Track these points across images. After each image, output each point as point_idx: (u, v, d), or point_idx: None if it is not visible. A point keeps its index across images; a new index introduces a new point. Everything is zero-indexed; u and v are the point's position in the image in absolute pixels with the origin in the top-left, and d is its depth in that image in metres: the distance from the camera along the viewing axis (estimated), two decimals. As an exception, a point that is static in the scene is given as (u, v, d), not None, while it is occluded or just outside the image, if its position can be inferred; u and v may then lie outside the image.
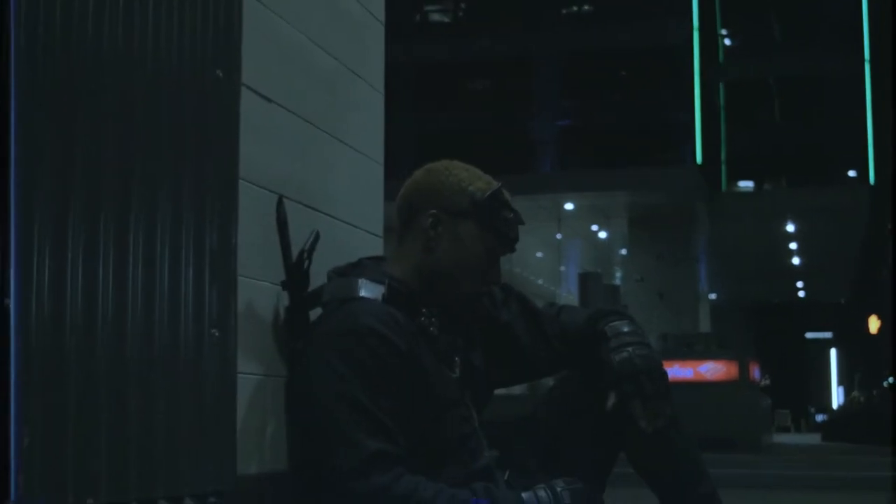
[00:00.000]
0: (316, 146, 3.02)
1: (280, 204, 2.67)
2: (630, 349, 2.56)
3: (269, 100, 2.77)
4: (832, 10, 35.43)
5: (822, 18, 35.59)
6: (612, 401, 2.54)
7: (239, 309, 2.54)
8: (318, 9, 3.08)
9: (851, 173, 35.13)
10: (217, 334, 2.45)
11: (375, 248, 3.33)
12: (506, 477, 2.62)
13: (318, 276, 2.70)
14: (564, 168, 32.59)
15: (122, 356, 2.15)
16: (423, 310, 2.59)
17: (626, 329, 2.62)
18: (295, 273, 2.64)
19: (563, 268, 34.76)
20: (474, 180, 2.64)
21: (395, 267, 2.65)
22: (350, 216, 3.17)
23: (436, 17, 36.78)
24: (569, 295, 33.45)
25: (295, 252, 2.66)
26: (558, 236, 31.62)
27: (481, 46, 33.70)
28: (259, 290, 2.65)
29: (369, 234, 3.32)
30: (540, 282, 35.83)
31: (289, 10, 2.89)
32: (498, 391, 2.85)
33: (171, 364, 2.30)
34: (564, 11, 34.85)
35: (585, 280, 25.45)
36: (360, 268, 2.64)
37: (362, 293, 2.53)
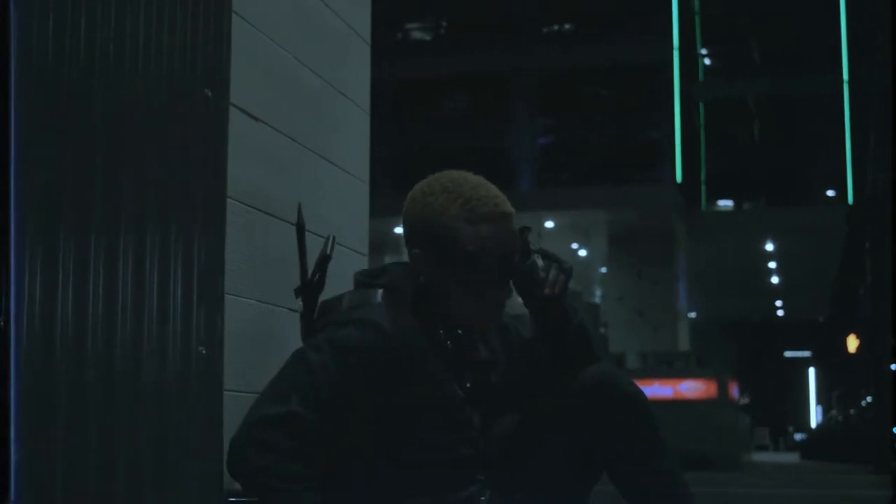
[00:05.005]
0: (302, 165, 3.04)
1: (300, 211, 2.64)
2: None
3: (257, 119, 2.80)
4: (811, 31, 35.65)
5: (801, 39, 35.81)
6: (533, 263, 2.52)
7: (226, 326, 2.56)
8: (305, 29, 3.11)
9: (830, 193, 35.33)
10: (204, 352, 2.47)
11: (360, 266, 3.35)
12: (485, 498, 2.61)
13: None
14: (544, 186, 32.67)
15: (110, 374, 2.17)
16: (444, 324, 2.51)
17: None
18: (309, 280, 2.59)
19: (542, 285, 34.71)
20: (448, 206, 2.47)
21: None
22: (335, 234, 3.19)
23: (417, 34, 36.86)
24: (548, 313, 33.41)
25: (311, 259, 2.62)
26: (538, 254, 31.59)
27: (462, 64, 33.78)
28: (246, 308, 2.67)
29: (354, 252, 3.35)
30: (520, 300, 35.83)
31: (276, 31, 2.92)
32: None
33: (159, 381, 2.32)
34: (545, 30, 34.97)
35: (565, 298, 25.45)
36: (387, 275, 2.55)
37: (380, 300, 2.46)
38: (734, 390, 23.11)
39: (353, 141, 3.42)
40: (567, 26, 35.24)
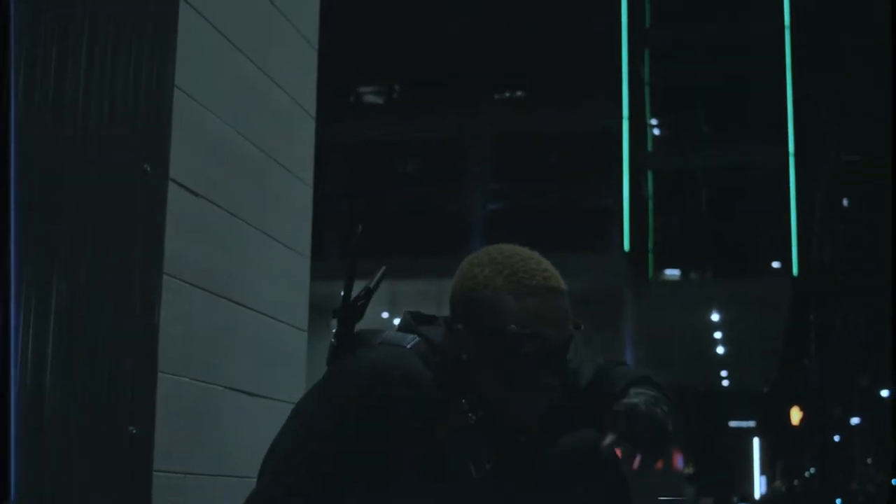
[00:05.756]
0: (241, 240, 3.01)
1: (359, 232, 2.39)
2: (641, 398, 2.32)
3: (196, 194, 2.77)
4: (758, 104, 36.14)
5: (748, 112, 36.28)
6: (608, 441, 2.27)
7: (158, 405, 2.51)
8: (249, 103, 3.09)
9: (775, 264, 35.65)
10: (135, 431, 2.42)
11: (299, 341, 3.32)
12: None
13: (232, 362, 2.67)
14: (494, 252, 32.68)
15: (37, 452, 2.12)
16: (470, 395, 2.24)
17: (647, 391, 2.38)
18: (352, 303, 2.29)
19: (490, 351, 34.65)
20: (494, 277, 2.25)
21: None
22: (273, 310, 3.16)
23: (370, 98, 36.98)
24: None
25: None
26: (486, 319, 31.53)
27: (414, 128, 33.92)
28: (181, 386, 2.63)
29: (293, 327, 3.31)
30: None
31: (219, 105, 2.90)
32: None
33: (88, 460, 2.27)
34: (497, 96, 35.22)
35: (512, 364, 25.41)
36: (432, 327, 2.30)
37: (409, 346, 2.22)
38: (679, 460, 23.13)
39: (295, 215, 3.40)
40: (519, 93, 35.53)
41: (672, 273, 37.13)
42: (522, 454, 2.35)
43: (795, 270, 34.26)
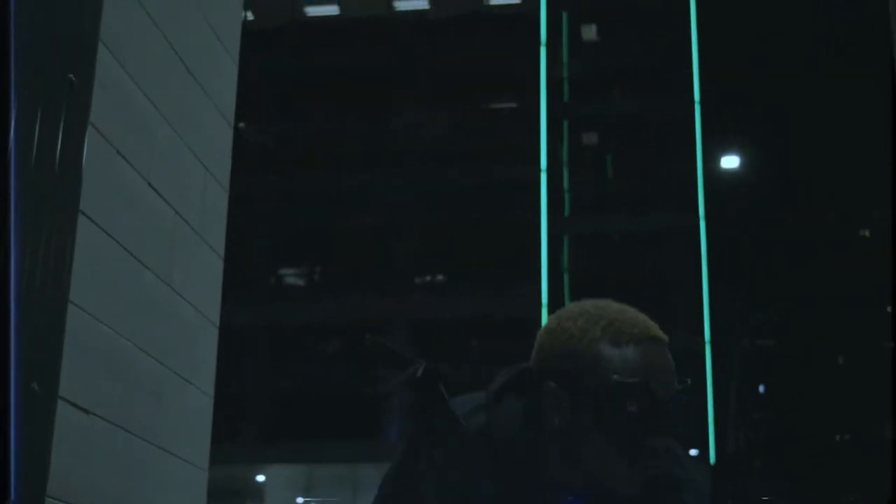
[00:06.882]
0: (135, 457, 2.90)
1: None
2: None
3: (87, 411, 2.66)
4: (675, 292, 36.70)
5: (665, 300, 36.82)
6: None
7: None
8: (149, 316, 3.02)
9: (693, 452, 35.74)
10: None
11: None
12: None
13: None
14: (412, 437, 32.44)
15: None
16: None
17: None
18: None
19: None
20: (590, 328, 1.98)
21: None
22: (170, 529, 3.04)
23: (291, 280, 37.04)
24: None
25: None
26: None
27: (336, 311, 33.93)
28: None
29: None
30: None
31: (116, 319, 2.82)
32: None
33: None
34: (417, 280, 35.47)
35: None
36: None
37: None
38: None
39: (195, 427, 3.30)
40: (439, 277, 35.82)
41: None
42: None
43: (713, 458, 34.34)
